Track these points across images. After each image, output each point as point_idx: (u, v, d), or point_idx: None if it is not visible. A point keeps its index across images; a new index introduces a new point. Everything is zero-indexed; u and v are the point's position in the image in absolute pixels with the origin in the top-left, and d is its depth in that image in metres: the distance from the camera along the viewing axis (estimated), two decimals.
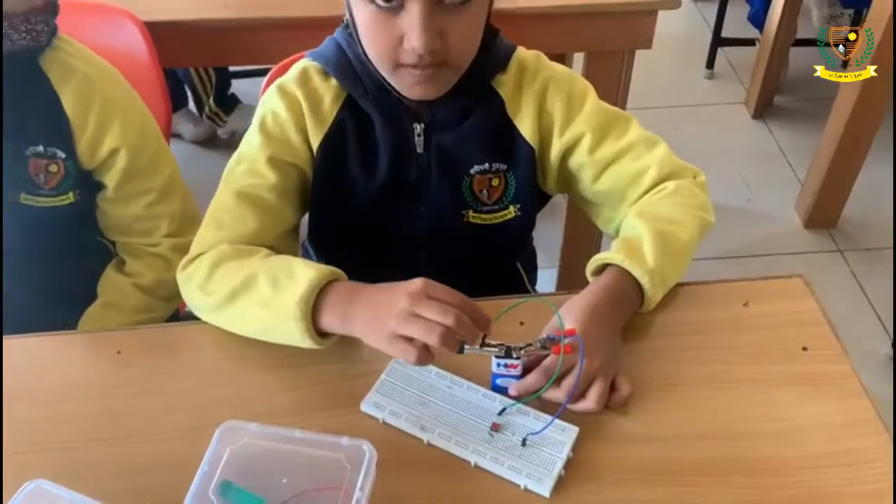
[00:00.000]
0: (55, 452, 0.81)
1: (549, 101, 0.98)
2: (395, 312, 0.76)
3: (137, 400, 0.86)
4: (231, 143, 2.47)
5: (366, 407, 0.83)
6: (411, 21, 0.82)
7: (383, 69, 0.90)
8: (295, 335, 0.84)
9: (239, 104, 2.48)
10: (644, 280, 0.88)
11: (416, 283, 0.78)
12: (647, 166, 0.97)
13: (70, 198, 1.10)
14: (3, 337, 0.93)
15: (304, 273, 0.84)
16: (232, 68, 2.45)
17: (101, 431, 0.83)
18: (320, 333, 0.84)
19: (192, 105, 2.48)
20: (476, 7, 0.86)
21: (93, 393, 0.87)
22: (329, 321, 0.83)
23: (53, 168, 1.07)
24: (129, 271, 1.18)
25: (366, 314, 0.81)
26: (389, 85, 0.93)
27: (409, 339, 0.77)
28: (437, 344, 0.75)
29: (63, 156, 1.07)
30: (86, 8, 1.31)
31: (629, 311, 0.90)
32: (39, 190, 1.08)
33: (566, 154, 1.00)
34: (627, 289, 0.89)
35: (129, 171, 1.11)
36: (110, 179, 1.11)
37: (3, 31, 0.96)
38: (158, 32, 1.34)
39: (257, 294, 0.86)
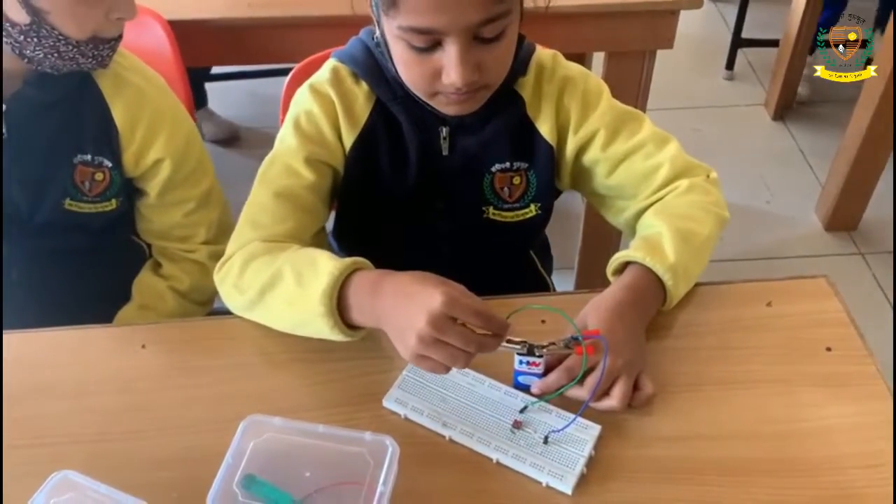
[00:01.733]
0: (81, 445, 0.82)
1: (566, 100, 1.00)
2: (417, 333, 0.74)
3: (161, 394, 0.87)
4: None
5: (388, 403, 0.84)
6: (449, 58, 0.83)
7: (419, 95, 0.92)
8: (324, 330, 0.84)
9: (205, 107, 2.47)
10: (666, 277, 0.88)
11: (436, 301, 0.73)
12: (659, 164, 0.98)
13: (112, 204, 1.11)
14: (30, 329, 0.94)
15: (325, 266, 0.84)
16: (253, 68, 2.45)
17: (125, 424, 0.83)
18: (350, 325, 0.84)
19: (212, 106, 2.49)
20: (510, 35, 0.87)
21: (117, 386, 0.88)
22: (358, 316, 0.83)
23: (99, 176, 1.09)
24: (165, 274, 1.19)
25: (393, 320, 0.80)
26: None
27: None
28: (462, 368, 0.76)
29: (110, 165, 1.09)
30: None
31: (653, 309, 0.90)
32: (84, 196, 1.09)
33: (580, 151, 1.01)
34: (650, 286, 0.89)
35: (171, 181, 1.12)
36: (152, 188, 1.13)
37: (72, 56, 0.99)
38: (182, 31, 1.35)
39: (284, 291, 0.86)
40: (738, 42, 2.71)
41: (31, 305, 1.12)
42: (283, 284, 0.87)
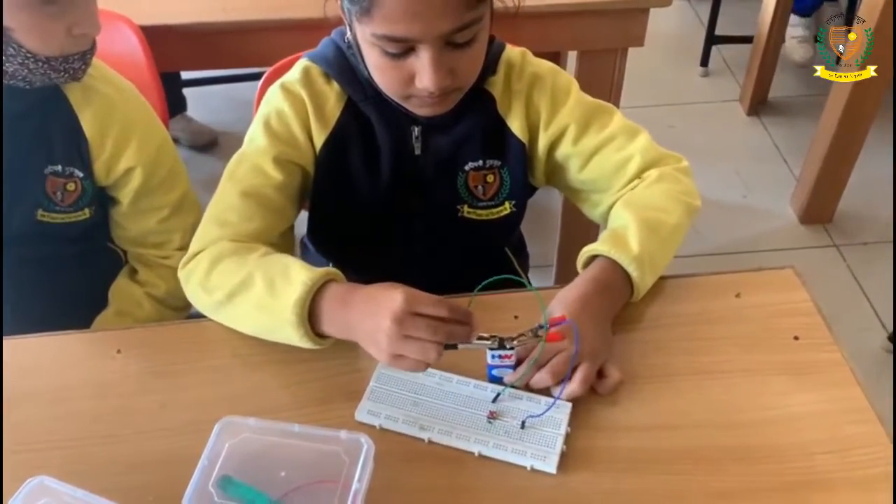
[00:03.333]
0: (57, 450, 0.82)
1: (536, 97, 1.01)
2: (385, 333, 0.76)
3: (137, 397, 0.87)
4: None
5: (360, 416, 0.83)
6: (422, 65, 0.84)
7: (393, 98, 0.93)
8: (293, 338, 0.85)
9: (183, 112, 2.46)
10: (631, 268, 0.90)
11: (397, 301, 0.76)
12: (630, 155, 1.00)
13: (86, 214, 1.11)
14: (6, 337, 0.94)
15: (298, 276, 0.85)
16: (230, 72, 2.45)
17: (102, 429, 0.84)
18: (319, 334, 0.85)
19: (190, 111, 2.49)
20: (481, 38, 0.88)
21: (94, 391, 0.88)
22: (329, 328, 0.84)
23: (71, 186, 1.09)
24: (141, 281, 1.20)
25: (361, 331, 0.81)
26: None
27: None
28: (435, 360, 0.77)
29: (81, 175, 1.09)
30: None
31: (619, 300, 0.91)
32: (56, 207, 1.09)
33: (552, 146, 1.02)
34: (615, 278, 0.90)
35: (142, 189, 1.12)
36: (125, 196, 1.13)
37: (44, 71, 0.99)
38: (155, 37, 1.35)
39: (254, 296, 0.87)
40: (711, 39, 2.74)
41: (9, 314, 1.12)
42: (253, 290, 0.87)
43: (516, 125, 1.00)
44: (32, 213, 1.08)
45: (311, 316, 0.84)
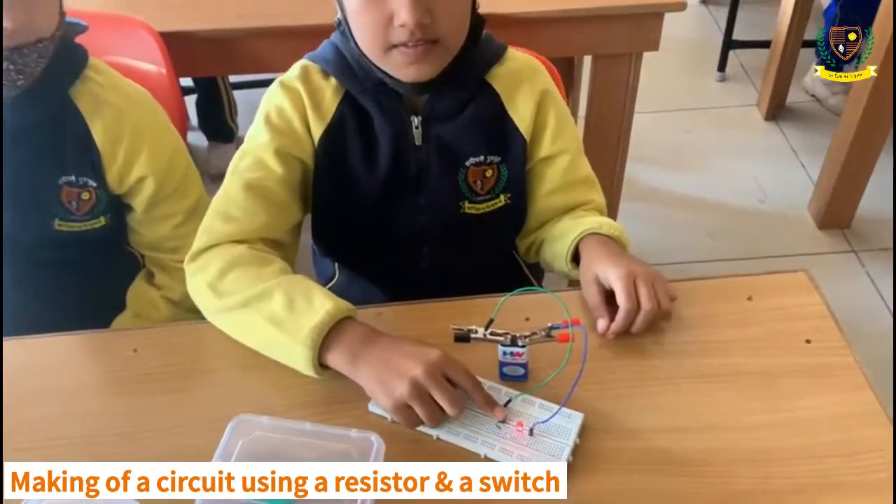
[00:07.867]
0: (74, 447, 0.83)
1: (548, 106, 1.03)
2: (409, 380, 0.79)
3: (153, 396, 0.88)
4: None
5: (374, 408, 0.84)
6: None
7: (375, 55, 0.93)
8: (298, 361, 0.85)
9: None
10: (614, 232, 0.97)
11: (434, 354, 0.80)
12: (590, 200, 1.07)
13: (102, 221, 1.12)
14: (24, 336, 0.96)
15: (322, 303, 0.86)
16: (244, 78, 2.47)
17: (117, 427, 0.85)
18: (322, 365, 0.86)
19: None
20: None
21: (110, 389, 0.89)
22: (336, 360, 0.85)
23: (85, 196, 1.10)
24: (158, 284, 1.21)
25: (376, 369, 0.82)
26: (386, 78, 0.95)
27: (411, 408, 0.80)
28: (434, 426, 0.80)
29: (94, 184, 1.09)
30: (103, 20, 1.34)
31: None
32: (72, 216, 1.10)
33: (545, 160, 1.05)
34: (610, 241, 0.97)
35: (156, 197, 1.13)
36: (138, 204, 1.14)
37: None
38: (174, 42, 1.37)
39: (270, 310, 0.87)
40: (729, 43, 2.73)
41: (27, 317, 1.14)
42: (271, 304, 0.87)
43: (523, 121, 1.02)
44: (50, 224, 1.09)
45: (321, 345, 0.84)
